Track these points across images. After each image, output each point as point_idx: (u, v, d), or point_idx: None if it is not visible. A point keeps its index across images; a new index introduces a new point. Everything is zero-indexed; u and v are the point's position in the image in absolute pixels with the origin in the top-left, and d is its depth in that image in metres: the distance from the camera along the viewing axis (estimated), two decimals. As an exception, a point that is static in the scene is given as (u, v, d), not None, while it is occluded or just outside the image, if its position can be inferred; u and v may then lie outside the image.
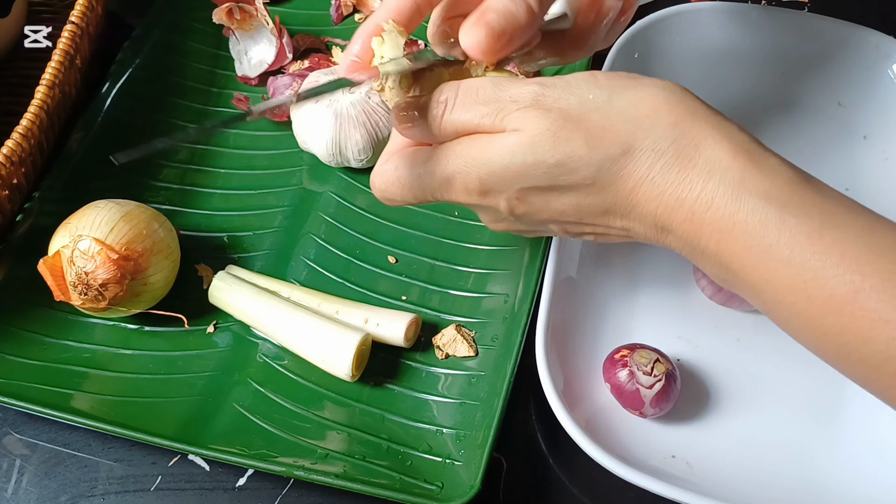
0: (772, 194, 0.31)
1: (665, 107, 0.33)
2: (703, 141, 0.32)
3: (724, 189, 0.31)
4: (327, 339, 0.45)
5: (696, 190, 0.32)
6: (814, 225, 0.30)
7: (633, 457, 0.42)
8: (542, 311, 0.44)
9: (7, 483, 0.45)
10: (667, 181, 0.32)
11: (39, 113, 0.49)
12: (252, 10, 0.59)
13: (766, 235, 0.31)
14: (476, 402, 0.45)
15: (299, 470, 0.41)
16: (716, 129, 0.32)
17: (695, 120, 0.32)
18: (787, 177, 0.31)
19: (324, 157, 0.53)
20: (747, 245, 0.31)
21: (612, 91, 0.33)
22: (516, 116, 0.33)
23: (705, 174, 0.32)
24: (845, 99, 0.56)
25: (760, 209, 0.31)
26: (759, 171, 0.31)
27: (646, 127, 0.32)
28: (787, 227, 0.30)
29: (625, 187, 0.33)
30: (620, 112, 0.33)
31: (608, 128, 0.32)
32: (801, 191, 0.31)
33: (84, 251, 0.44)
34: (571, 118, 0.33)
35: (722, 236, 0.32)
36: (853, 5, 0.59)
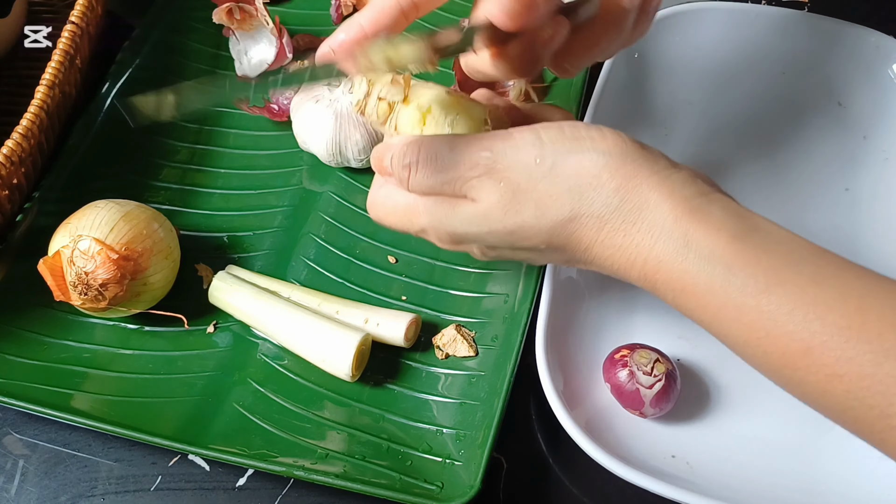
0: (716, 254, 0.31)
1: (606, 173, 0.33)
2: (645, 204, 0.33)
3: (669, 251, 0.32)
4: (327, 339, 0.45)
5: (643, 253, 0.33)
6: (759, 285, 0.30)
7: (633, 457, 0.42)
8: (542, 311, 0.44)
9: (7, 483, 0.45)
10: (615, 245, 0.34)
11: (39, 113, 0.49)
12: (252, 10, 0.59)
13: (714, 297, 0.31)
14: (476, 402, 0.45)
15: (299, 470, 0.41)
16: (657, 188, 0.33)
17: (636, 183, 0.33)
18: (731, 233, 0.32)
19: (324, 158, 0.53)
20: (699, 305, 0.32)
21: (556, 157, 0.34)
22: (472, 186, 0.36)
23: (650, 237, 0.33)
24: (845, 99, 0.56)
25: (705, 271, 0.31)
26: (702, 230, 0.32)
27: (588, 195, 0.33)
28: (734, 289, 0.31)
29: (579, 247, 0.35)
30: (565, 180, 0.34)
31: (554, 196, 0.34)
32: (745, 248, 0.31)
33: (84, 251, 0.44)
34: (520, 189, 0.35)
35: (676, 294, 0.33)
36: (853, 5, 0.59)
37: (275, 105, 0.57)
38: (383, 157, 0.39)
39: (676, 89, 0.58)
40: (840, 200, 0.53)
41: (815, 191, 0.54)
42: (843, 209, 0.53)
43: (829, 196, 0.53)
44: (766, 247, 0.31)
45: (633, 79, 0.57)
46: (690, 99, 0.58)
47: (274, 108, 0.57)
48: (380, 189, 0.41)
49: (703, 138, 0.56)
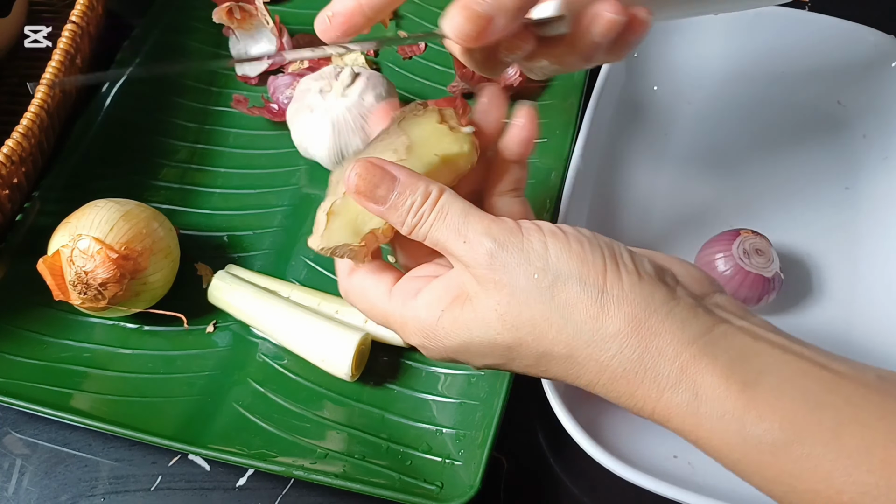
0: (727, 409, 0.29)
1: (603, 315, 0.31)
2: (647, 352, 0.30)
3: (678, 404, 0.30)
4: (327, 339, 0.45)
5: (650, 403, 0.31)
6: (777, 440, 0.28)
7: (634, 457, 0.42)
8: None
9: (7, 483, 0.45)
10: (618, 391, 0.32)
11: (40, 112, 0.49)
12: (252, 10, 0.59)
13: (731, 452, 0.30)
14: (476, 401, 0.44)
15: (299, 470, 0.41)
16: (658, 333, 0.31)
17: (634, 328, 0.31)
18: (740, 380, 0.29)
19: (327, 164, 0.53)
20: (717, 457, 0.31)
21: (556, 277, 0.32)
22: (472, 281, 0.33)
23: (656, 389, 0.30)
24: (845, 98, 0.56)
25: (719, 427, 0.29)
26: (710, 380, 0.30)
27: (584, 338, 0.31)
28: (750, 446, 0.29)
29: (580, 382, 0.33)
30: (561, 310, 0.31)
31: (552, 325, 0.32)
32: (757, 397, 0.29)
33: (83, 250, 0.44)
34: (516, 301, 0.32)
35: (692, 440, 0.31)
36: (853, 4, 0.59)
37: (274, 105, 0.57)
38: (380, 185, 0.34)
39: (676, 89, 0.58)
40: (840, 199, 0.53)
41: (814, 190, 0.54)
42: (843, 208, 0.53)
43: (829, 195, 0.53)
44: (779, 392, 0.29)
45: (632, 78, 0.57)
46: (690, 98, 0.58)
47: (273, 108, 0.57)
48: (351, 278, 0.37)
49: (703, 138, 0.56)
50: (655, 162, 0.55)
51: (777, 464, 0.29)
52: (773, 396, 0.29)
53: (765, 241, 0.47)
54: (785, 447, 0.28)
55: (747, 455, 0.29)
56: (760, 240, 0.47)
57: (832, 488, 0.28)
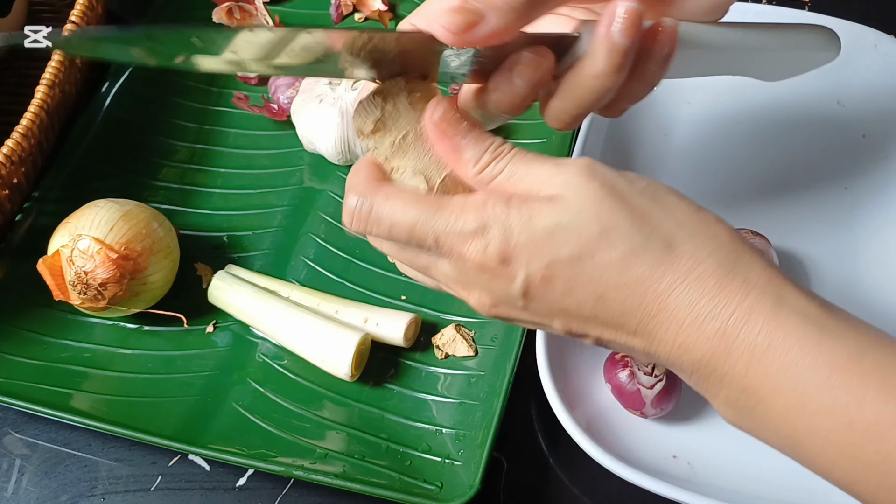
0: (809, 313, 0.30)
1: (704, 221, 0.32)
2: (742, 256, 0.31)
3: (763, 305, 0.30)
4: (327, 339, 0.45)
5: (732, 305, 0.30)
6: (851, 348, 0.29)
7: (634, 457, 0.42)
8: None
9: (7, 483, 0.45)
10: (703, 291, 0.30)
11: (39, 112, 0.49)
12: (252, 10, 0.59)
13: (804, 357, 0.29)
14: (475, 401, 0.44)
15: (298, 470, 0.41)
16: (755, 253, 0.32)
17: (730, 237, 0.31)
18: (818, 300, 0.30)
19: (332, 157, 0.53)
20: (783, 366, 0.29)
21: (654, 188, 0.32)
22: (563, 179, 0.31)
23: (743, 289, 0.30)
24: (845, 98, 0.56)
25: (800, 328, 0.29)
26: (794, 289, 0.30)
27: (688, 230, 0.31)
28: (827, 349, 0.29)
29: (657, 286, 0.30)
30: (662, 208, 0.31)
31: (652, 217, 0.31)
32: (832, 313, 0.30)
33: (83, 250, 0.44)
34: (617, 191, 0.31)
35: (753, 356, 0.30)
36: (853, 4, 0.59)
37: (275, 104, 0.57)
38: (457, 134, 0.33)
39: (676, 89, 0.58)
40: (840, 199, 0.53)
41: (814, 190, 0.54)
42: (843, 208, 0.53)
43: (829, 195, 0.53)
44: (852, 318, 0.30)
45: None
46: (690, 98, 0.57)
47: (273, 107, 0.57)
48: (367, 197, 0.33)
49: (702, 138, 0.56)
50: (655, 162, 0.55)
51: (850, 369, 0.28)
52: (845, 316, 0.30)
53: (765, 242, 0.47)
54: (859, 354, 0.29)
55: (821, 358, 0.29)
56: (760, 240, 0.47)
57: None
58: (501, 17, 0.31)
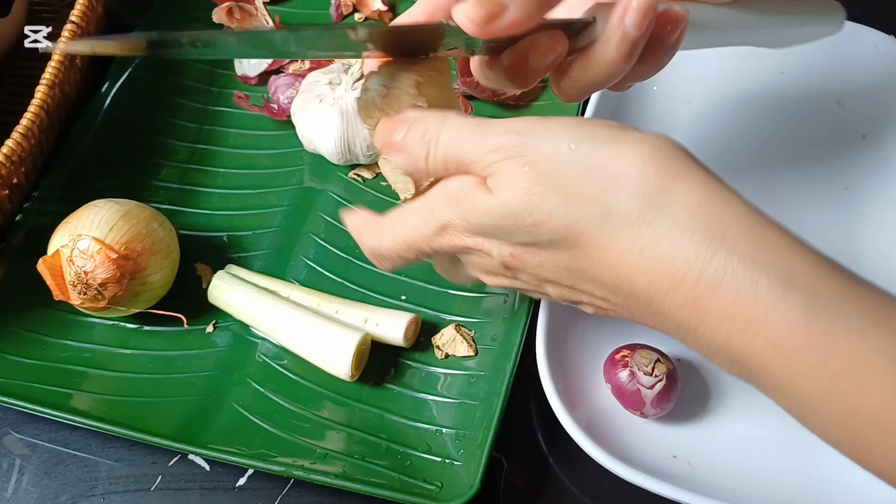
0: (795, 279, 0.26)
1: (652, 168, 0.28)
2: (700, 209, 0.27)
3: (734, 269, 0.26)
4: (327, 339, 0.45)
5: (695, 268, 0.27)
6: (852, 324, 0.25)
7: (634, 457, 0.42)
8: (542, 310, 0.44)
9: (7, 483, 0.45)
10: (657, 255, 0.27)
11: (39, 112, 0.49)
12: (252, 10, 0.59)
13: (793, 333, 0.25)
14: (475, 401, 0.44)
15: (298, 470, 0.41)
16: (713, 193, 0.28)
17: (688, 184, 0.28)
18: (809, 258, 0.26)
19: (332, 157, 0.53)
20: (768, 343, 0.26)
21: (594, 142, 0.29)
22: (493, 171, 0.31)
23: (707, 249, 0.26)
24: (844, 98, 0.56)
25: (783, 298, 0.25)
26: (773, 247, 0.26)
27: (629, 188, 0.28)
28: (819, 326, 0.25)
29: (608, 256, 0.29)
30: (601, 168, 0.29)
31: (587, 185, 0.29)
32: (826, 277, 0.26)
33: (83, 251, 0.44)
34: (548, 173, 0.29)
35: (734, 328, 0.26)
36: (853, 4, 0.59)
37: (275, 104, 0.57)
38: (394, 131, 0.34)
39: (676, 89, 0.58)
40: (839, 199, 0.53)
41: (814, 190, 0.54)
42: (843, 208, 0.53)
43: (829, 195, 0.53)
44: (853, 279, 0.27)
45: (633, 78, 0.57)
46: (689, 98, 0.58)
47: (274, 107, 0.57)
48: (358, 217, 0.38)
49: (702, 138, 0.56)
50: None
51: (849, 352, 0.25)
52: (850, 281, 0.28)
53: None
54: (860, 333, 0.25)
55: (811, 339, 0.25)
56: None
57: None
58: (523, 8, 0.31)
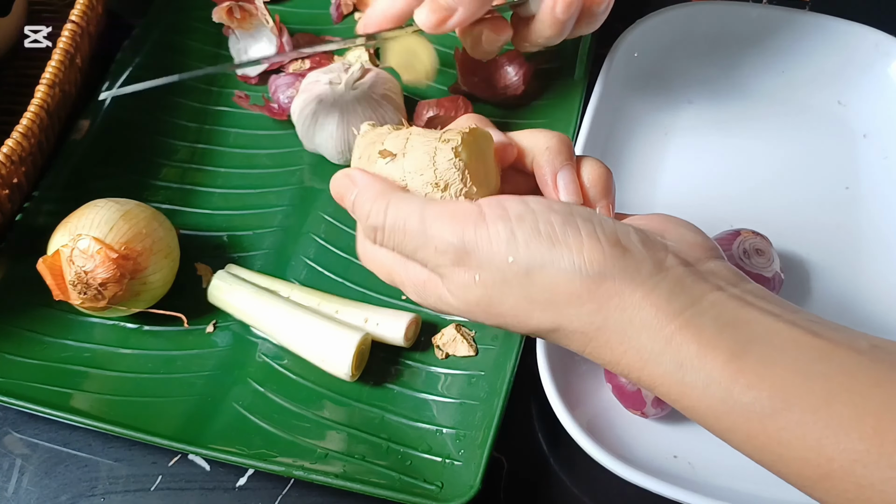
0: (713, 379, 0.29)
1: (585, 293, 0.31)
2: (630, 325, 0.30)
3: (663, 374, 0.30)
4: (327, 339, 0.45)
5: (635, 372, 0.31)
6: (765, 409, 0.28)
7: (634, 457, 0.42)
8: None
9: (7, 482, 0.45)
10: (605, 359, 0.32)
11: (40, 112, 0.49)
12: (252, 9, 0.59)
13: (718, 421, 0.29)
14: (476, 401, 0.44)
15: (299, 470, 0.41)
16: (641, 306, 0.30)
17: (617, 303, 0.30)
18: (729, 350, 0.29)
19: (333, 157, 0.53)
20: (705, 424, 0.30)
21: (531, 262, 0.31)
22: (445, 274, 0.33)
23: (639, 360, 0.30)
24: (845, 97, 0.56)
25: (705, 396, 0.29)
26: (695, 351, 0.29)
27: (568, 312, 0.31)
28: (737, 414, 0.28)
29: (571, 348, 0.33)
30: (542, 291, 0.31)
31: (533, 304, 0.32)
32: (744, 368, 0.28)
33: (83, 250, 0.44)
34: (497, 291, 0.32)
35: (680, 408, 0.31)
36: (853, 4, 0.59)
37: (275, 104, 0.57)
38: (345, 194, 0.36)
39: (676, 88, 0.58)
40: (840, 199, 0.53)
41: (815, 189, 0.54)
42: (844, 208, 0.53)
43: (830, 195, 0.53)
44: (768, 360, 0.28)
45: (632, 78, 0.57)
46: (690, 98, 0.57)
47: (274, 106, 0.57)
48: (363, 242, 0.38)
49: (703, 137, 0.56)
50: (655, 162, 0.55)
51: (766, 432, 0.28)
52: (762, 366, 0.28)
53: (765, 241, 0.47)
54: (773, 416, 0.28)
55: (735, 424, 0.29)
56: (761, 240, 0.47)
57: (822, 456, 0.27)
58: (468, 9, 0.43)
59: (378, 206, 0.34)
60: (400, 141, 0.35)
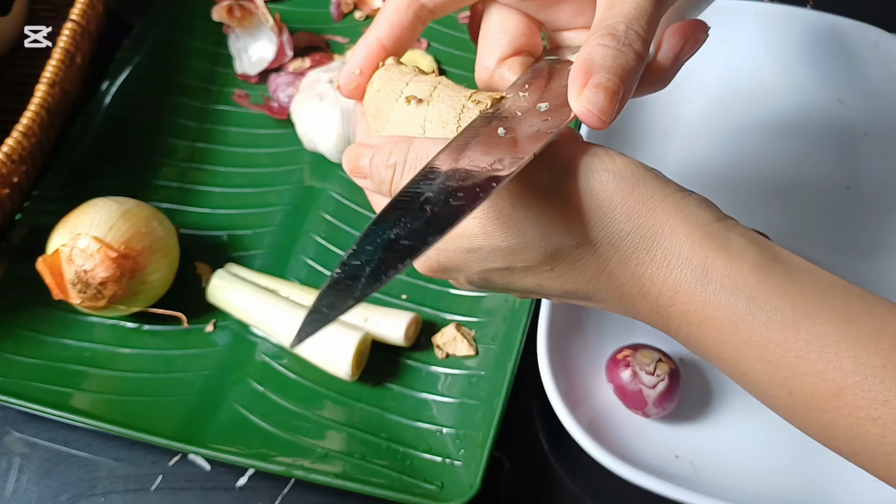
0: (738, 285, 0.29)
1: (617, 197, 0.31)
2: (660, 229, 0.30)
3: (687, 281, 0.30)
4: (327, 339, 0.45)
5: (657, 283, 0.30)
6: (786, 318, 0.28)
7: (636, 457, 0.42)
8: (543, 310, 0.44)
9: (7, 482, 0.45)
10: (625, 274, 0.31)
11: (40, 111, 0.49)
12: (252, 8, 0.59)
13: (737, 332, 0.29)
14: (476, 401, 0.44)
15: (298, 469, 0.41)
16: (672, 214, 0.30)
17: (649, 207, 0.30)
18: (753, 262, 0.29)
19: (332, 156, 0.53)
20: (719, 340, 0.30)
21: (566, 174, 0.31)
22: None
23: (665, 266, 0.30)
24: (845, 96, 0.56)
25: (728, 303, 0.29)
26: (722, 258, 0.29)
27: (598, 218, 0.31)
28: (759, 323, 0.28)
29: (584, 275, 0.32)
30: (573, 200, 0.31)
31: (560, 217, 0.31)
32: (769, 278, 0.29)
33: (83, 249, 0.44)
34: (523, 204, 0.31)
35: (691, 329, 0.30)
36: (854, 3, 0.59)
37: (275, 103, 0.57)
38: (360, 156, 0.34)
39: (675, 87, 0.58)
40: (841, 198, 0.53)
41: (815, 188, 0.53)
42: (844, 207, 0.53)
43: (830, 194, 0.53)
44: (792, 277, 0.29)
45: (634, 77, 0.56)
46: (690, 97, 0.57)
47: (274, 105, 0.57)
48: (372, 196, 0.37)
49: (703, 136, 0.56)
50: (655, 162, 0.55)
51: (785, 343, 0.28)
52: (786, 279, 0.29)
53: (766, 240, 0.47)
54: (794, 326, 0.28)
55: (754, 334, 0.29)
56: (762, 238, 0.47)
57: (838, 369, 0.27)
58: (633, 85, 0.31)
59: (400, 147, 0.33)
60: (426, 88, 0.34)
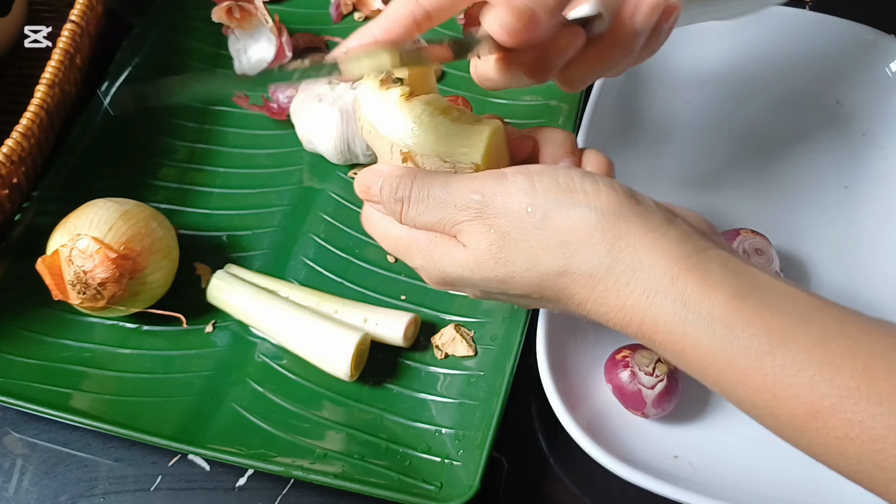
0: (715, 315, 0.30)
1: (598, 231, 0.32)
2: (639, 264, 0.32)
3: (666, 313, 0.31)
4: (326, 339, 0.45)
5: (639, 314, 0.32)
6: (762, 345, 0.29)
7: (635, 457, 0.42)
8: (542, 310, 0.44)
9: (7, 483, 0.45)
10: (609, 304, 0.33)
11: (39, 112, 0.49)
12: (251, 9, 0.59)
13: (716, 359, 0.30)
14: (475, 401, 0.44)
15: (298, 470, 0.41)
16: (651, 249, 0.32)
17: (629, 242, 0.32)
18: (731, 291, 0.30)
19: (332, 157, 0.53)
20: (701, 366, 0.31)
21: (548, 207, 0.33)
22: (462, 229, 0.35)
23: (645, 299, 0.31)
24: (844, 97, 0.56)
25: (706, 333, 0.30)
26: (700, 290, 0.31)
27: (580, 252, 0.33)
28: (736, 351, 0.30)
29: (572, 301, 0.34)
30: (556, 233, 0.33)
31: (545, 248, 0.33)
32: (745, 307, 0.30)
33: (82, 250, 0.44)
34: (511, 237, 0.34)
35: (675, 354, 0.32)
36: (853, 4, 0.59)
37: (274, 104, 0.57)
38: (371, 185, 0.37)
39: (675, 87, 0.58)
40: (839, 199, 0.53)
41: (814, 189, 0.53)
42: (843, 207, 0.53)
43: (829, 194, 0.53)
44: (768, 304, 0.30)
45: (632, 77, 0.57)
46: (689, 98, 0.57)
47: (273, 106, 0.57)
48: (373, 209, 0.39)
49: (702, 136, 0.56)
50: (655, 162, 0.55)
51: (762, 370, 0.29)
52: (762, 308, 0.30)
53: (764, 241, 0.47)
54: (770, 353, 0.29)
55: (733, 361, 0.30)
56: (760, 239, 0.47)
57: (814, 393, 0.28)
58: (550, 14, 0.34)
59: (405, 180, 0.36)
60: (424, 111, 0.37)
